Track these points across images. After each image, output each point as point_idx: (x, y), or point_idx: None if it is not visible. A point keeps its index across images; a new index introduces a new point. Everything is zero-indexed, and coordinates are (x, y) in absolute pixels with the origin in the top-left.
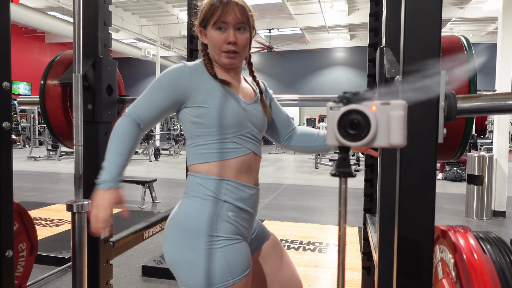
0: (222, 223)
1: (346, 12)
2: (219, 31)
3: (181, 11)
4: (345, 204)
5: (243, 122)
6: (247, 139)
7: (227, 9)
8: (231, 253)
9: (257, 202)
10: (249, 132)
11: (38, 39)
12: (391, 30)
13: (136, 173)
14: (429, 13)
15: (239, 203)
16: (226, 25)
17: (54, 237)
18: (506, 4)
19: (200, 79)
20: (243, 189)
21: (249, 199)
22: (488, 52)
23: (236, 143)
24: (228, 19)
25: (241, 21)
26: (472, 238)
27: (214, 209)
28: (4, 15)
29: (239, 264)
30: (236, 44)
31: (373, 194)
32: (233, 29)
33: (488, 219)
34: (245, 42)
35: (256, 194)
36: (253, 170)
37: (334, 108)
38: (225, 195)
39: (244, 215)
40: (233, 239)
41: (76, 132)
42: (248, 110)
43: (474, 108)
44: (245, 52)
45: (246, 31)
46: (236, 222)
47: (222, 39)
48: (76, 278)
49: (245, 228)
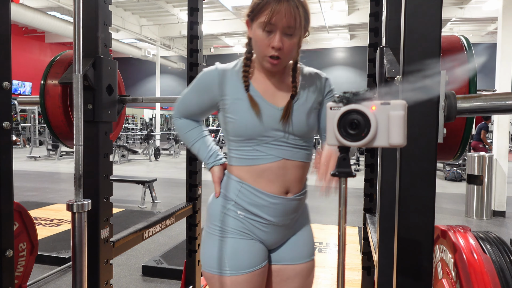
0: (229, 218)
1: (346, 12)
2: (265, 33)
3: (181, 11)
4: (345, 204)
5: (268, 132)
6: (275, 146)
7: (279, 9)
8: (231, 246)
9: (285, 212)
10: (277, 140)
11: (38, 39)
12: (391, 30)
13: (136, 173)
14: (429, 13)
15: (252, 207)
16: (274, 27)
17: (54, 237)
18: (506, 4)
19: (229, 86)
20: (259, 196)
21: (267, 207)
22: (488, 52)
23: (259, 151)
24: (276, 21)
25: (291, 26)
26: (472, 238)
27: (224, 204)
28: (5, 15)
29: (239, 259)
30: (281, 50)
31: (373, 194)
32: (280, 33)
33: (488, 219)
34: (291, 48)
35: (282, 204)
36: (285, 177)
37: (334, 108)
38: (237, 197)
39: (260, 220)
40: (237, 234)
41: (76, 132)
42: (279, 115)
43: (474, 108)
44: (290, 57)
45: (295, 36)
46: (247, 222)
47: (267, 43)
48: (76, 278)
49: (262, 232)
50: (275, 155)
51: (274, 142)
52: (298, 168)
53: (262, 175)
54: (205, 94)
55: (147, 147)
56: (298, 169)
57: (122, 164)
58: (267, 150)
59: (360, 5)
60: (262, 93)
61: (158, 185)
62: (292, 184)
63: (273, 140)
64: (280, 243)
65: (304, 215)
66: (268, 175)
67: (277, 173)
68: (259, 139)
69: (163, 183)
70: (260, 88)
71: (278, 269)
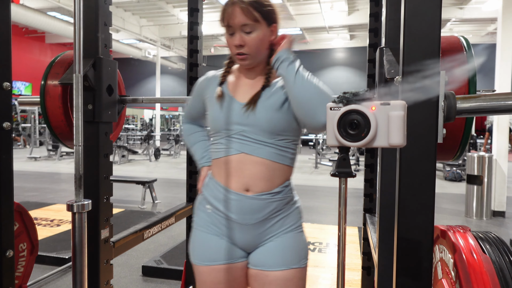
0: (199, 211)
1: (346, 13)
2: (229, 35)
3: (181, 11)
4: (345, 204)
5: (230, 125)
6: (236, 140)
7: (232, 11)
8: (197, 237)
9: (245, 210)
10: (238, 133)
11: (38, 40)
12: (391, 30)
13: (136, 173)
14: (429, 13)
15: (215, 201)
16: (232, 29)
17: (54, 237)
18: (505, 4)
19: (211, 87)
20: (219, 190)
21: (225, 202)
22: (488, 53)
23: (222, 144)
24: (232, 22)
25: (244, 23)
26: (471, 238)
27: (199, 199)
28: (5, 16)
29: (202, 252)
30: (244, 47)
31: (373, 194)
32: (239, 31)
33: (487, 219)
34: (254, 42)
35: (240, 201)
36: (243, 172)
37: (334, 108)
38: (206, 191)
39: (221, 215)
40: (203, 227)
41: (76, 132)
42: (242, 110)
43: (473, 108)
44: (257, 51)
45: (255, 31)
46: (212, 216)
47: (232, 43)
48: (76, 278)
49: (227, 228)
50: (235, 148)
51: (235, 135)
52: (259, 165)
53: (223, 168)
54: (198, 97)
55: (147, 148)
56: (259, 166)
57: (122, 164)
58: (228, 143)
59: (360, 5)
60: (231, 89)
61: (158, 185)
62: (252, 181)
63: (235, 133)
64: (254, 245)
65: (290, 220)
66: (227, 168)
67: (236, 167)
68: (222, 132)
69: (163, 183)
70: (232, 84)
71: (255, 273)
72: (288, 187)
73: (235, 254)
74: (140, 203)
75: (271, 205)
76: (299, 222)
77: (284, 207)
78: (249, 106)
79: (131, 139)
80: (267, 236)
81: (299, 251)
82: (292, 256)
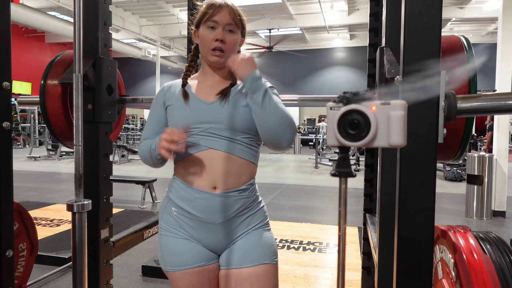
0: (166, 214)
1: (346, 12)
2: (210, 30)
3: (181, 11)
4: (345, 204)
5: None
6: (202, 137)
7: (220, 10)
8: (165, 243)
9: (211, 208)
10: (205, 131)
11: (38, 39)
12: (391, 30)
13: (136, 173)
14: (429, 13)
15: (181, 202)
16: (216, 24)
17: (54, 237)
18: (506, 4)
19: (171, 94)
20: (186, 190)
21: (192, 201)
22: (488, 52)
23: (188, 143)
24: (218, 18)
25: (231, 23)
26: (472, 238)
27: (165, 202)
28: (4, 15)
29: (172, 257)
30: (224, 43)
31: (373, 194)
32: (222, 28)
33: (488, 219)
34: (233, 43)
35: (207, 199)
36: (211, 169)
37: (334, 108)
38: (171, 192)
39: (188, 215)
40: (171, 232)
41: (76, 132)
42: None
43: (474, 108)
44: (232, 53)
45: (235, 34)
46: (179, 219)
47: (212, 37)
48: (76, 278)
49: (194, 229)
50: (203, 145)
51: (202, 133)
52: (226, 160)
53: (190, 167)
54: (160, 108)
55: None
56: (226, 161)
57: (122, 164)
58: (195, 140)
59: (360, 5)
60: (195, 90)
61: (158, 185)
62: (219, 178)
63: (202, 131)
64: (224, 245)
65: (256, 219)
66: (195, 166)
67: (204, 164)
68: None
69: (163, 183)
70: (195, 86)
71: (225, 273)
72: (253, 185)
73: (206, 256)
74: (140, 203)
75: (238, 202)
76: (266, 221)
77: (250, 205)
78: (222, 98)
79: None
80: (236, 235)
81: (269, 247)
82: (263, 252)
